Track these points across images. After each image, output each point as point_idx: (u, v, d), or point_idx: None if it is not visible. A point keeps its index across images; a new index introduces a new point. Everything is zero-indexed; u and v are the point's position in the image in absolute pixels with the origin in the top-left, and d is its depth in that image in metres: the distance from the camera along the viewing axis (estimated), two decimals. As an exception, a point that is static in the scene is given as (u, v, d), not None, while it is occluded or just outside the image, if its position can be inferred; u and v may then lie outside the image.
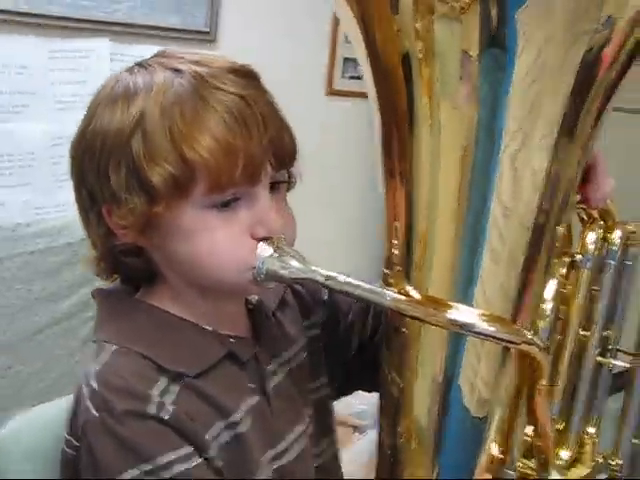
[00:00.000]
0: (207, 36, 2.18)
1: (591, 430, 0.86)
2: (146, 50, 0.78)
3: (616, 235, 0.82)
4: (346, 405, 1.85)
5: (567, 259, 0.80)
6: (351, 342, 0.88)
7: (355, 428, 1.95)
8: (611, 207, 0.83)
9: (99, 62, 2.17)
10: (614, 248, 0.82)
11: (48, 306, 1.95)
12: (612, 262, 0.82)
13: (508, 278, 0.67)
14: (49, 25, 2.08)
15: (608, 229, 0.82)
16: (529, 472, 0.76)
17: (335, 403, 2.02)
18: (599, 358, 0.83)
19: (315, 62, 2.67)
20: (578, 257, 0.81)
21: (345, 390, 0.92)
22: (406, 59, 0.62)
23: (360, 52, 0.65)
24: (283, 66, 2.27)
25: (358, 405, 1.94)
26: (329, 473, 0.84)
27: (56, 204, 2.17)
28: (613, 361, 0.84)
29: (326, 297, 0.88)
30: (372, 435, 1.69)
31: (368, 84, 0.67)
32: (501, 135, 0.61)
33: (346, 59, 2.81)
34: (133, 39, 2.19)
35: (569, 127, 0.62)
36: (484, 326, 0.63)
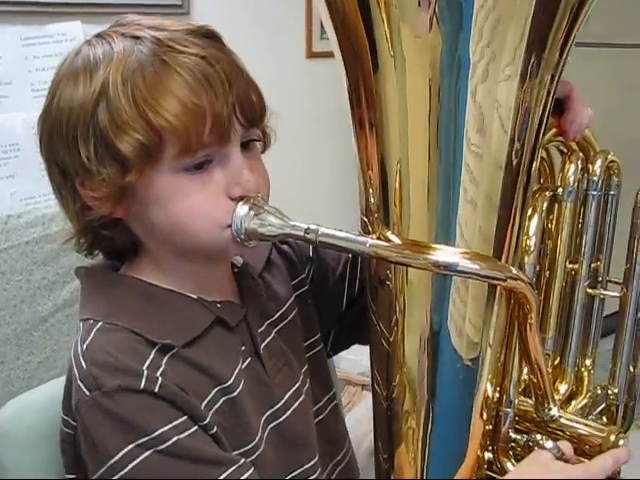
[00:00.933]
0: (180, 9, 2.14)
1: (587, 362, 0.86)
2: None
3: (597, 165, 0.81)
4: (352, 364, 1.86)
5: (548, 193, 0.79)
6: (342, 296, 0.88)
7: (363, 386, 1.96)
8: (591, 137, 0.82)
9: (73, 45, 2.13)
10: (594, 178, 0.81)
11: (50, 294, 1.95)
12: (594, 193, 0.81)
13: (486, 220, 0.66)
14: (19, 12, 2.05)
15: (589, 160, 0.81)
16: (528, 409, 0.77)
17: (341, 362, 2.02)
18: (589, 290, 0.83)
19: (293, 27, 2.64)
20: (559, 191, 0.80)
21: (341, 345, 0.92)
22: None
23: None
24: (260, 33, 2.24)
25: (364, 363, 1.94)
26: (330, 428, 0.84)
27: (45, 192, 2.15)
28: (604, 291, 0.84)
29: (312, 253, 0.88)
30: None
31: (328, 30, 0.66)
32: (466, 66, 0.60)
33: (324, 20, 2.78)
34: (105, 19, 2.15)
35: (534, 55, 0.61)
36: (467, 264, 0.63)
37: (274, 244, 0.86)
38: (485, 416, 0.71)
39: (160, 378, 0.66)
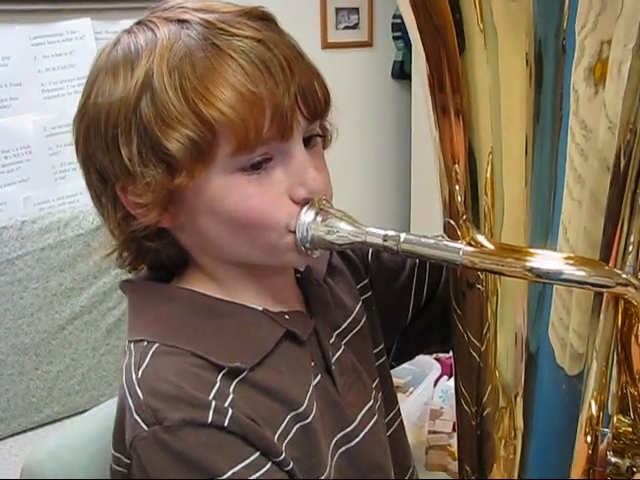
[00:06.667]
0: (193, 1, 2.07)
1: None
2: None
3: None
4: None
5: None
6: (407, 304, 0.79)
7: (397, 388, 1.89)
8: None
9: (84, 43, 2.07)
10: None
11: (67, 301, 1.89)
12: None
13: (592, 222, 0.58)
14: (26, 10, 1.98)
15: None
16: (626, 429, 0.69)
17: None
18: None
19: (307, 18, 2.56)
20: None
21: (405, 357, 0.84)
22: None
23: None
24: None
25: (396, 364, 1.87)
26: (398, 447, 0.77)
27: (59, 196, 2.09)
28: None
29: (370, 257, 0.80)
30: (417, 394, 1.62)
31: (402, 7, 0.58)
32: (572, 41, 0.51)
33: (337, 9, 2.69)
34: (116, 15, 2.08)
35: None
36: (572, 271, 0.55)
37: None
38: (589, 439, 0.63)
39: (230, 410, 0.58)
